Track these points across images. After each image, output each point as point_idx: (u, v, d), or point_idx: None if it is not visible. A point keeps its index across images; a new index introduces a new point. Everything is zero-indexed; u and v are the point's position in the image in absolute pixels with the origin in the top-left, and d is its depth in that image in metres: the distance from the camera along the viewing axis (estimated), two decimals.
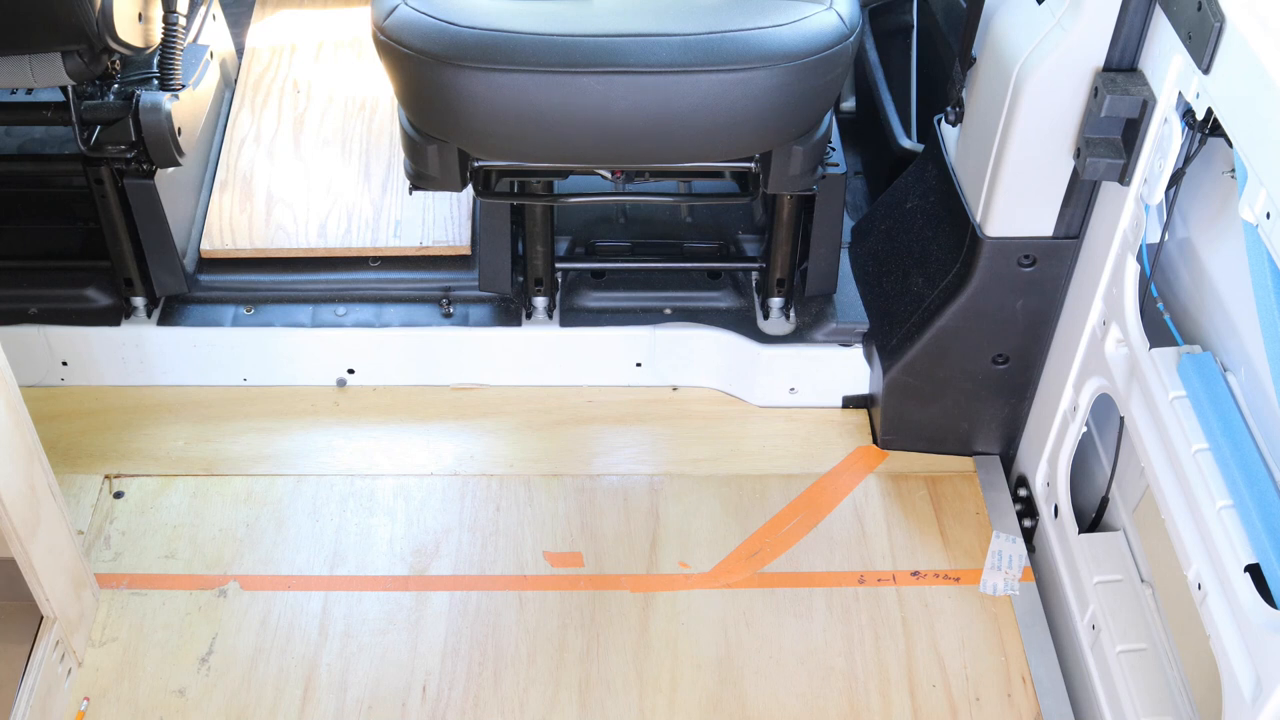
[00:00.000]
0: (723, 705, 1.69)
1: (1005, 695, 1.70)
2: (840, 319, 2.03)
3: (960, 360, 1.88)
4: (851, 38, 1.64)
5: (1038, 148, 1.61)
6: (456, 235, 2.11)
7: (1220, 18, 1.26)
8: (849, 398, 2.09)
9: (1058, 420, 1.79)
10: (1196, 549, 1.34)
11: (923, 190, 1.95)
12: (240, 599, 1.80)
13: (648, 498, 1.95)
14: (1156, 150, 1.45)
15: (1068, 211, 1.67)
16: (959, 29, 1.78)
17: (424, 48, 1.57)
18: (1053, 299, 1.78)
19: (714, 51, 1.58)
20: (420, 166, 1.77)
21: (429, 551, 1.87)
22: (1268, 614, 1.22)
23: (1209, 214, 1.45)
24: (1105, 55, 1.50)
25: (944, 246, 1.85)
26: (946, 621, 1.79)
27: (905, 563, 1.86)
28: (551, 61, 1.57)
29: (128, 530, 1.88)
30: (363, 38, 2.44)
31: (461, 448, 2.02)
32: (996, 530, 1.90)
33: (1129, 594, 1.63)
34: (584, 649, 1.75)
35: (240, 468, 1.97)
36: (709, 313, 2.08)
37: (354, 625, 1.77)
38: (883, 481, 1.98)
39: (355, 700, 1.69)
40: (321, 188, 2.18)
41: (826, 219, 1.97)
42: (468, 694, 1.70)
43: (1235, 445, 1.30)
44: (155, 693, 1.69)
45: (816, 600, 1.81)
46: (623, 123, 1.63)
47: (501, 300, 2.08)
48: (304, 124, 2.29)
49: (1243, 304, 1.35)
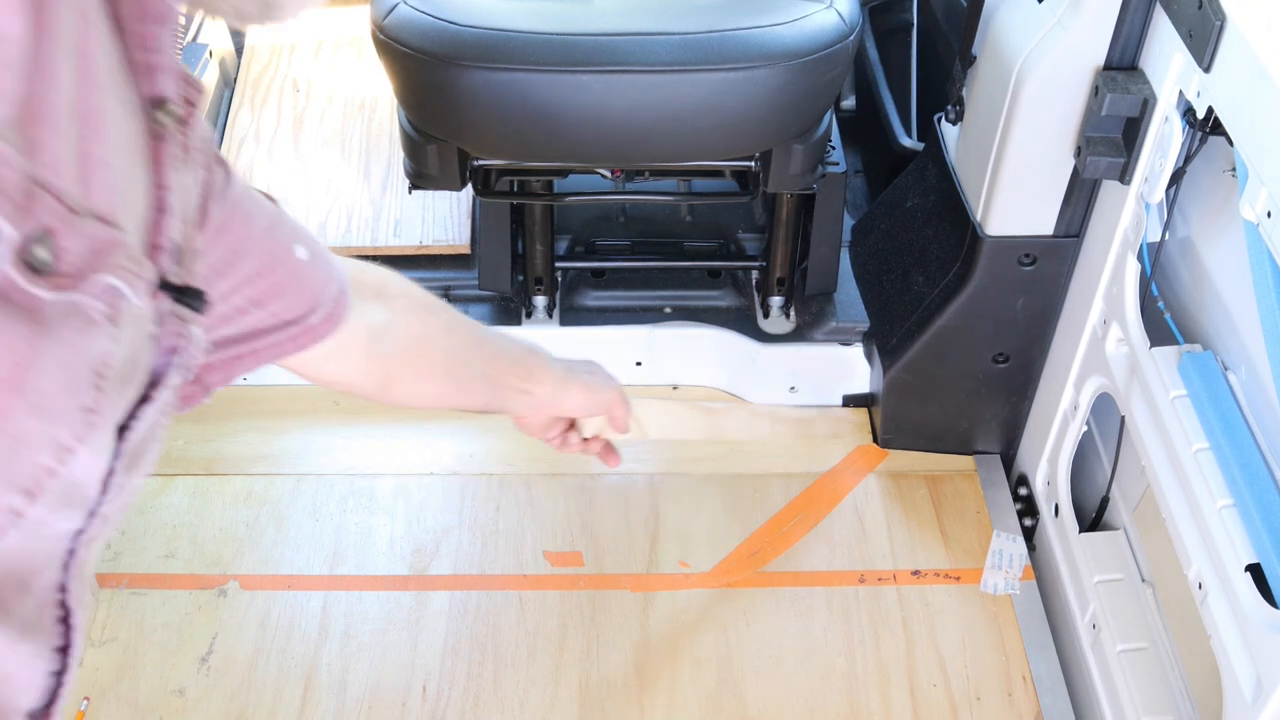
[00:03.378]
0: (723, 704, 1.69)
1: (1006, 694, 1.70)
2: (840, 318, 2.03)
3: (960, 359, 1.88)
4: (852, 36, 1.64)
5: (1038, 146, 1.61)
6: (456, 234, 2.10)
7: (1221, 16, 1.26)
8: (849, 397, 2.09)
9: (1058, 419, 1.79)
10: (1197, 548, 1.34)
11: (923, 189, 1.94)
12: (240, 598, 1.80)
13: (648, 497, 1.95)
14: (1157, 149, 1.45)
15: (1068, 210, 1.67)
16: (959, 27, 1.78)
17: (423, 47, 1.57)
18: (1053, 298, 1.78)
19: (714, 50, 1.58)
20: (420, 166, 1.76)
21: (429, 551, 1.86)
22: (1268, 613, 1.22)
23: (1210, 213, 1.45)
24: (1106, 54, 1.50)
25: (944, 245, 1.84)
26: (947, 620, 1.79)
27: (905, 562, 1.86)
28: (551, 60, 1.57)
29: (127, 530, 1.88)
30: (362, 37, 2.44)
31: (461, 447, 2.02)
32: (997, 529, 1.90)
33: (1129, 593, 1.63)
34: (584, 648, 1.75)
35: (240, 467, 1.97)
36: (709, 312, 2.08)
37: (354, 625, 1.77)
38: (883, 480, 1.98)
39: (355, 700, 1.69)
40: (321, 187, 2.18)
41: (827, 218, 1.97)
42: (468, 693, 1.70)
43: (1236, 444, 1.30)
44: (155, 692, 1.69)
45: (817, 599, 1.81)
46: (623, 121, 1.63)
47: (501, 299, 2.08)
48: (303, 123, 2.29)
49: (1243, 303, 1.35)
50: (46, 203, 0.53)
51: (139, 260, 0.60)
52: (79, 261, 0.55)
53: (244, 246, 0.89)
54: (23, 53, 0.51)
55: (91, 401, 0.58)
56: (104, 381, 0.59)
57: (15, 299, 0.52)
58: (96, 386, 0.58)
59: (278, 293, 0.94)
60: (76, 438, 0.58)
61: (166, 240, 0.66)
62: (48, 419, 0.56)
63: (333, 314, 0.98)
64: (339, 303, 0.99)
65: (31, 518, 0.58)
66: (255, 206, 0.91)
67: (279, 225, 0.93)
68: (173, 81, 0.64)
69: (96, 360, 0.58)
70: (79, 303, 0.56)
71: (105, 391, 0.59)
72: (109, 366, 0.59)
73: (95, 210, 0.56)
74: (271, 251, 0.92)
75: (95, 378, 0.58)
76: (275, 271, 0.92)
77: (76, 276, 0.55)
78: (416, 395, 1.17)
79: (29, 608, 0.63)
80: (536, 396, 1.27)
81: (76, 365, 0.57)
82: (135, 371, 0.63)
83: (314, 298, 0.97)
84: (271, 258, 0.92)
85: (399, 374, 1.13)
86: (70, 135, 0.55)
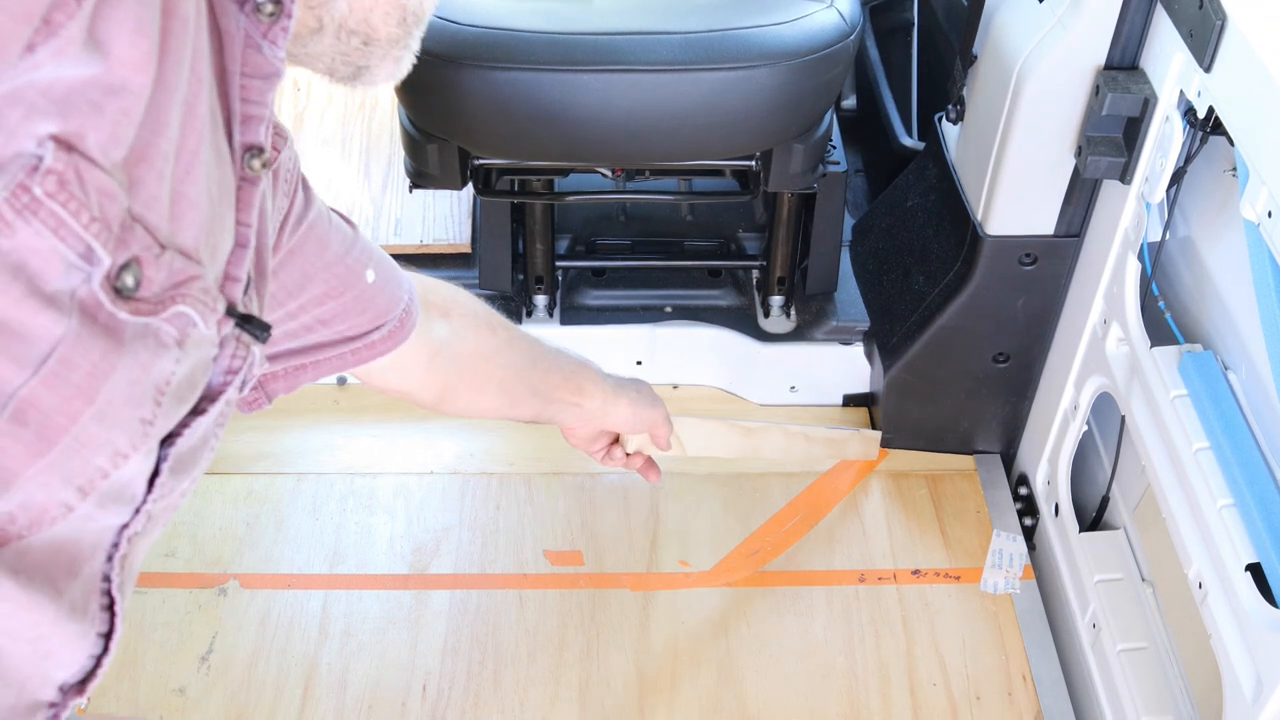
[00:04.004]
0: (723, 703, 1.69)
1: (1006, 693, 1.70)
2: (841, 317, 2.03)
3: (961, 359, 1.88)
4: (852, 36, 1.64)
5: (1039, 146, 1.61)
6: (457, 233, 2.10)
7: (1222, 16, 1.26)
8: (850, 396, 2.09)
9: (1058, 419, 1.79)
10: (1197, 548, 1.34)
11: (923, 188, 1.94)
12: (240, 597, 1.80)
13: (648, 496, 1.94)
14: (1158, 148, 1.45)
15: (1069, 210, 1.67)
16: (960, 27, 1.78)
17: (424, 45, 1.57)
18: (1053, 297, 1.78)
19: (714, 49, 1.58)
20: (420, 165, 1.77)
21: (429, 550, 1.86)
22: (1268, 613, 1.22)
23: (1210, 212, 1.45)
24: (1106, 53, 1.50)
25: (945, 245, 1.84)
26: (947, 620, 1.79)
27: (905, 561, 1.86)
28: (552, 59, 1.57)
29: None
30: None
31: (461, 446, 2.02)
32: (997, 529, 1.90)
33: (1129, 592, 1.63)
34: (584, 648, 1.75)
35: (240, 466, 1.97)
36: (709, 311, 2.08)
37: (354, 624, 1.77)
38: (883, 480, 1.98)
39: (355, 699, 1.69)
40: (321, 186, 2.15)
41: (827, 217, 1.97)
42: (468, 692, 1.70)
43: (1236, 444, 1.30)
44: (155, 691, 1.69)
45: (817, 599, 1.81)
46: (623, 121, 1.63)
47: (502, 298, 2.08)
48: (303, 122, 2.29)
49: (1244, 302, 1.34)
50: (139, 236, 0.58)
51: (213, 293, 0.66)
52: (159, 290, 0.60)
53: (315, 270, 0.94)
54: (143, 105, 0.56)
55: (150, 415, 0.64)
56: (163, 398, 0.64)
57: (100, 318, 0.58)
58: (156, 401, 0.63)
59: (344, 314, 0.98)
60: (132, 445, 0.63)
61: (240, 273, 0.71)
62: (111, 427, 0.61)
63: (395, 332, 1.03)
64: (403, 322, 1.04)
65: (80, 512, 0.63)
66: (330, 232, 0.96)
67: (352, 249, 0.98)
68: (266, 131, 0.70)
69: (160, 379, 0.63)
70: (154, 327, 0.61)
71: (163, 406, 0.64)
72: (170, 385, 0.64)
73: (181, 246, 0.62)
74: (341, 276, 0.96)
75: (156, 394, 0.63)
76: (344, 295, 0.97)
77: (156, 303, 0.60)
78: (471, 407, 1.22)
79: (76, 592, 0.68)
80: (585, 410, 1.32)
81: (143, 382, 0.62)
82: (192, 390, 0.68)
83: (379, 317, 1.01)
84: (341, 282, 0.96)
85: (456, 387, 1.18)
86: (168, 176, 0.60)
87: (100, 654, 0.74)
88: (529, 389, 1.26)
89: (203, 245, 0.64)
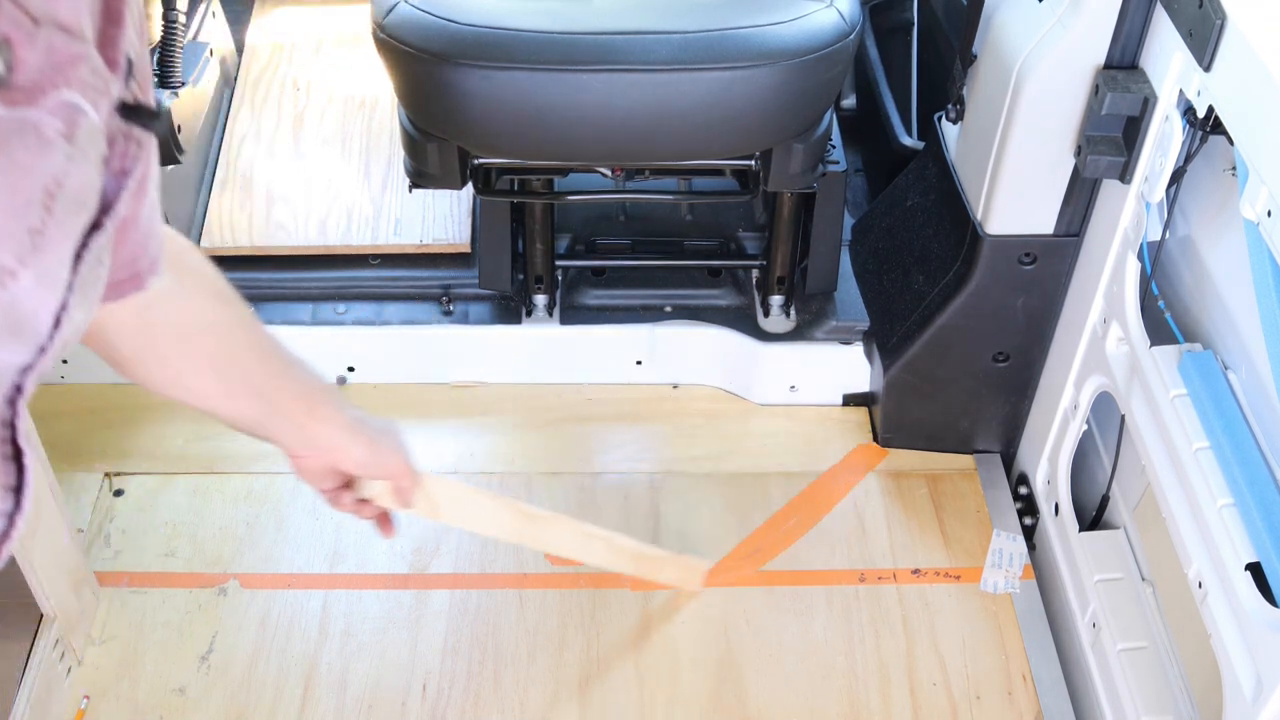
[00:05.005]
0: (723, 703, 1.69)
1: (1006, 693, 1.70)
2: (840, 317, 2.03)
3: (961, 358, 1.88)
4: (852, 35, 1.64)
5: (1038, 145, 1.61)
6: (456, 233, 2.10)
7: (1221, 15, 1.26)
8: (849, 395, 2.09)
9: (1058, 418, 1.79)
10: (1197, 547, 1.34)
11: (923, 188, 1.94)
12: (240, 597, 1.80)
13: (648, 496, 1.94)
14: (1157, 148, 1.45)
15: (1068, 209, 1.67)
16: (959, 26, 1.77)
17: (424, 45, 1.57)
18: (1053, 297, 1.78)
19: (714, 49, 1.58)
20: (420, 164, 1.76)
21: (429, 550, 1.86)
22: (1268, 612, 1.22)
23: (1210, 212, 1.45)
24: (1106, 53, 1.50)
25: (944, 244, 1.84)
26: (947, 619, 1.79)
27: (905, 561, 1.86)
28: (552, 59, 1.57)
29: (127, 528, 1.88)
30: (363, 35, 2.44)
31: (461, 445, 2.02)
32: (997, 528, 1.90)
33: (1129, 592, 1.63)
34: (584, 648, 1.75)
35: (240, 465, 1.97)
36: (709, 310, 2.08)
37: (354, 624, 1.77)
38: (883, 479, 1.98)
39: (355, 699, 1.69)
40: (321, 186, 2.18)
41: (827, 217, 1.97)
42: (468, 692, 1.70)
43: (1236, 443, 1.30)
44: (155, 691, 1.69)
45: (817, 598, 1.81)
46: (623, 120, 1.63)
47: (502, 298, 2.08)
48: (304, 122, 2.29)
49: (1243, 302, 1.35)
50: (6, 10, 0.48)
51: (103, 74, 0.56)
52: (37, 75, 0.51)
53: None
54: None
55: (39, 222, 0.54)
56: (54, 203, 0.54)
57: None
58: (45, 207, 0.54)
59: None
60: (19, 260, 0.53)
61: (121, 55, 0.60)
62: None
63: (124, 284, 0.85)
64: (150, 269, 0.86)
65: None
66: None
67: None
68: None
69: (49, 180, 0.54)
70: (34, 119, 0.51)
71: (54, 214, 0.55)
72: (61, 187, 0.55)
73: (59, 19, 0.52)
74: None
75: (46, 198, 0.54)
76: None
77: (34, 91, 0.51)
78: (179, 381, 1.04)
79: None
80: (312, 436, 1.15)
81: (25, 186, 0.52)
82: (91, 194, 0.59)
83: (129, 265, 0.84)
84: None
85: (166, 353, 1.02)
86: None
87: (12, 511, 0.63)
88: (250, 385, 1.09)
89: (84, 18, 0.54)
